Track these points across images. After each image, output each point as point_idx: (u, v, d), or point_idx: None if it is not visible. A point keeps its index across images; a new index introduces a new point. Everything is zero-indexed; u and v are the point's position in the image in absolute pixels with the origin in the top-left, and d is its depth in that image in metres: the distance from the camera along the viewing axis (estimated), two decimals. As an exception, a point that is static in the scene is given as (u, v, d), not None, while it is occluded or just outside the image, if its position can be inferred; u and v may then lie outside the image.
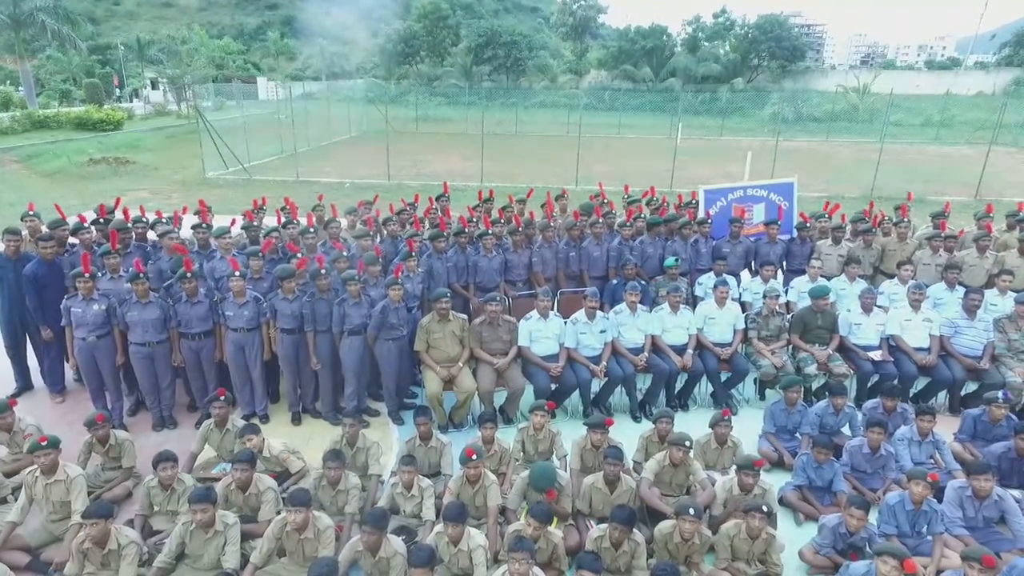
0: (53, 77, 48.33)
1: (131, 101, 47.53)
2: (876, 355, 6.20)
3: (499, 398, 5.86)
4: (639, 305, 6.13)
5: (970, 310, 6.23)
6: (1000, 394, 5.20)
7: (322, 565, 3.20)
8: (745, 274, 7.59)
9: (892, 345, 6.29)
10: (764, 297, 6.37)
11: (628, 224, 7.20)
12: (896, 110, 40.60)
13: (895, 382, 5.83)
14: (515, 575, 3.39)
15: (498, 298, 5.81)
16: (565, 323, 5.96)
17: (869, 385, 6.28)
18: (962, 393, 6.30)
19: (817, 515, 4.49)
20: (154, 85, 52.62)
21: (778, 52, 44.62)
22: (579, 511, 4.39)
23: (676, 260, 6.80)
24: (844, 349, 6.35)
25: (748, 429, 5.67)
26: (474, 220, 7.18)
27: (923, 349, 6.21)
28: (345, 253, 5.94)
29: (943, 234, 7.24)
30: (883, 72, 41.85)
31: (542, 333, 5.85)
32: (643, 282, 7.01)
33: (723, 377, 6.25)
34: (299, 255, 5.74)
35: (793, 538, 4.45)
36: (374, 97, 46.25)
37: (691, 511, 3.82)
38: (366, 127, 35.34)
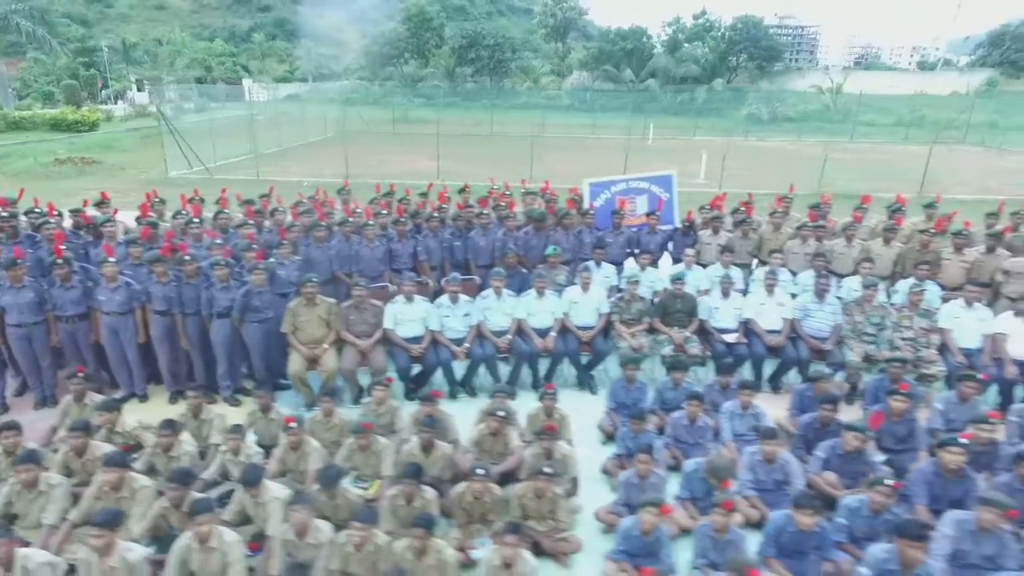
0: (39, 79, 48.73)
1: (116, 103, 47.88)
2: (731, 337, 6.55)
3: (366, 379, 6.18)
4: (504, 290, 6.48)
5: (820, 294, 6.57)
6: (826, 370, 5.55)
7: (106, 513, 3.52)
8: (631, 262, 7.92)
9: (749, 328, 6.63)
10: (626, 283, 6.70)
11: (512, 215, 7.55)
12: (870, 110, 41.11)
13: (732, 361, 6.20)
14: (295, 523, 3.74)
15: (361, 283, 6.14)
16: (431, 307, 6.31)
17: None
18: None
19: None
20: (139, 87, 52.99)
21: (755, 53, 45.00)
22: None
23: (555, 249, 7.15)
24: (704, 332, 6.69)
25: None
26: (358, 211, 7.51)
27: (776, 331, 6.56)
28: (219, 241, 6.27)
29: (811, 223, 7.57)
30: (854, 73, 42.24)
31: (406, 316, 6.18)
32: (525, 270, 7.39)
33: (584, 359, 6.59)
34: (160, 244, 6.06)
35: (607, 502, 4.79)
36: (352, 99, 46.77)
37: (478, 471, 4.16)
38: (343, 128, 35.71)
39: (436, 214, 7.44)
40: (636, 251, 7.79)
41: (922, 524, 3.69)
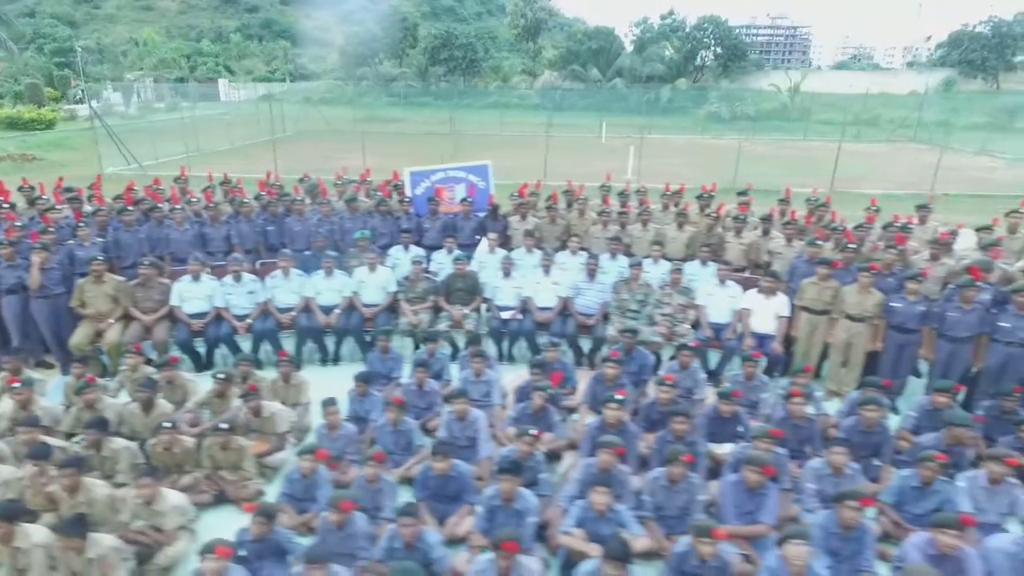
0: (14, 78, 49.10)
1: (89, 102, 48.23)
2: (507, 314, 6.98)
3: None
4: (293, 270, 6.93)
5: (590, 273, 7.01)
6: (549, 340, 5.99)
7: None
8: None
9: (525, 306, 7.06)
10: (412, 264, 7.14)
11: (326, 201, 8.00)
12: (830, 108, 41.58)
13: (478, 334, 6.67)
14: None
15: (145, 263, 6.57)
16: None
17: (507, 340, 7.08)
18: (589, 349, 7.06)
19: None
20: (115, 87, 53.36)
21: (720, 52, 45.44)
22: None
23: (363, 233, 7.58)
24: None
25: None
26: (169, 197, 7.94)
27: (550, 308, 6.99)
28: (18, 223, 6.71)
29: (607, 209, 8.02)
30: (815, 72, 42.68)
31: (192, 293, 6.62)
32: (337, 253, 7.82)
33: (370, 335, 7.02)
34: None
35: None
36: (327, 98, 47.31)
37: (165, 424, 4.60)
38: (303, 127, 36.29)
39: (246, 201, 7.88)
40: (453, 235, 8.21)
41: (513, 462, 4.14)
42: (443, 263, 7.60)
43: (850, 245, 6.52)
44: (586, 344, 7.01)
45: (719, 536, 3.60)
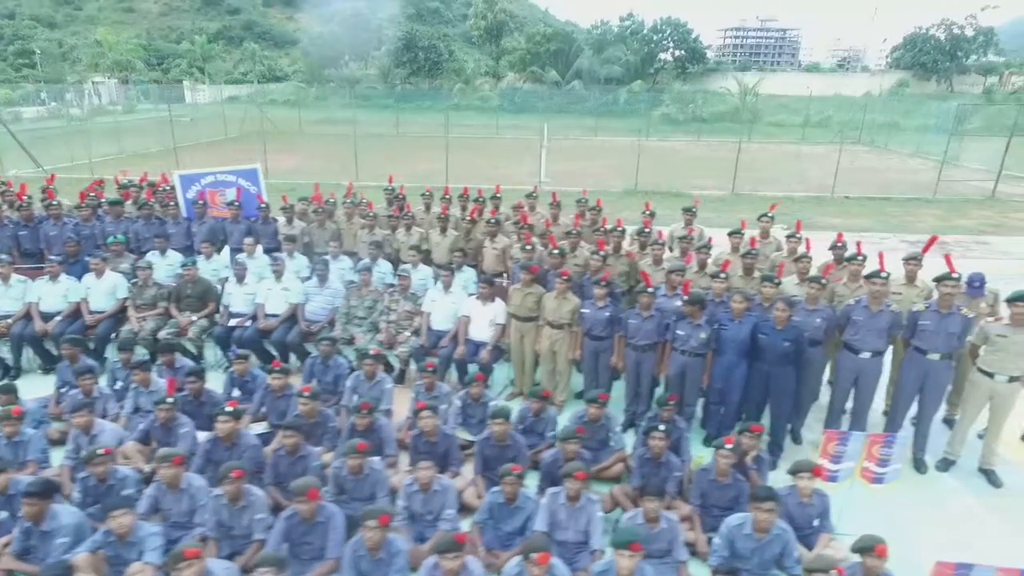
0: (-34, 80, 49.02)
1: (46, 104, 48.04)
2: (234, 321, 6.82)
3: None
4: (14, 276, 6.77)
5: (321, 279, 6.86)
6: (234, 352, 5.86)
7: None
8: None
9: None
10: (137, 269, 6.96)
11: (84, 205, 7.85)
12: (783, 110, 41.58)
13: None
14: None
15: None
16: None
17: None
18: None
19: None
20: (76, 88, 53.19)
21: (678, 55, 45.32)
22: None
23: (115, 238, 7.44)
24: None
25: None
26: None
27: (278, 315, 6.82)
28: None
29: (372, 213, 7.88)
30: (768, 75, 42.58)
31: None
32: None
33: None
34: None
35: None
36: (292, 100, 47.21)
37: None
38: (248, 128, 36.14)
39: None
40: (227, 240, 8.06)
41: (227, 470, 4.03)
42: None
43: (559, 250, 6.34)
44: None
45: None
